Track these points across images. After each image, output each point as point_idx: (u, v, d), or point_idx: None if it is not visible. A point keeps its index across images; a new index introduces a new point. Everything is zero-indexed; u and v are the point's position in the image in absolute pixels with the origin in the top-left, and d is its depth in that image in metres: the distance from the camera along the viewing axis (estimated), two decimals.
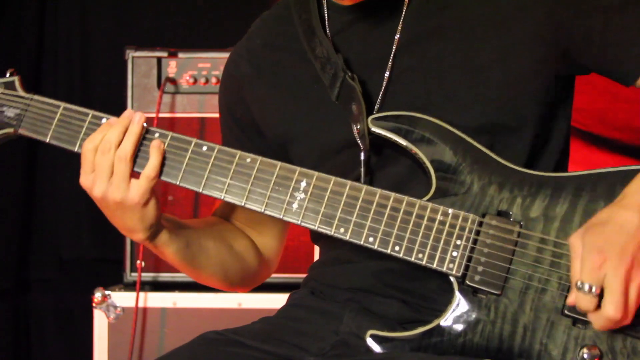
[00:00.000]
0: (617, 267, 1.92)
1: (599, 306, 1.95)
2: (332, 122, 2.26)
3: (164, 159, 2.23)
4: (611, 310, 1.93)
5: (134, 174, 2.22)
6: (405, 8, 2.26)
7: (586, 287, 1.94)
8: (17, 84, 2.33)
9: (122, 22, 4.79)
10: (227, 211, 2.53)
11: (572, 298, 1.97)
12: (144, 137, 2.23)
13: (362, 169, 2.21)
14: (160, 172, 2.23)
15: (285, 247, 3.87)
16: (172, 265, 2.40)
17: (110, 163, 2.20)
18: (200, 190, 2.21)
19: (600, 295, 1.94)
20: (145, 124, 2.24)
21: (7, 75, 2.34)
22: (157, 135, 2.24)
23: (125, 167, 2.20)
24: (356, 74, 2.24)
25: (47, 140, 2.29)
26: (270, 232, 2.52)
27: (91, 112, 2.27)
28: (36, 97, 2.31)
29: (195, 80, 3.93)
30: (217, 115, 2.55)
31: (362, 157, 2.21)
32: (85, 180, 2.23)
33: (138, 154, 2.23)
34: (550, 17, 2.17)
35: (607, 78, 2.21)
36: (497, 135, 2.18)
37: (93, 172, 2.21)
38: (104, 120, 2.26)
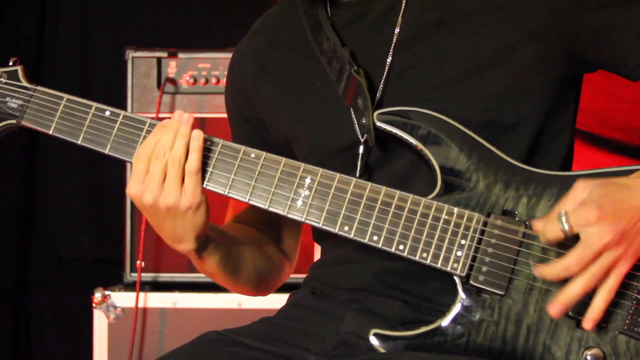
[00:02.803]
0: (606, 232, 1.94)
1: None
2: (337, 120, 2.26)
3: None
4: (573, 260, 1.95)
5: None
6: (404, 3, 2.26)
7: (565, 224, 1.95)
8: (20, 73, 2.29)
9: (122, 22, 4.79)
10: (247, 216, 2.51)
11: (541, 224, 1.99)
12: None
13: (359, 162, 2.20)
14: None
15: None
16: (208, 276, 2.35)
17: (163, 168, 2.15)
18: (204, 186, 2.20)
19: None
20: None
21: (10, 64, 2.30)
22: None
23: (178, 171, 2.14)
24: (361, 68, 2.23)
25: (50, 132, 2.27)
26: (289, 232, 2.52)
27: (94, 105, 2.25)
28: (39, 87, 2.28)
29: (195, 81, 3.93)
30: (217, 115, 2.55)
31: (361, 151, 2.20)
32: (136, 188, 2.16)
33: None
34: (554, 14, 2.17)
35: (615, 74, 2.21)
36: (498, 131, 2.18)
37: (145, 179, 2.17)
38: (107, 113, 2.24)
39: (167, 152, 2.16)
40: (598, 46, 2.17)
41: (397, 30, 2.25)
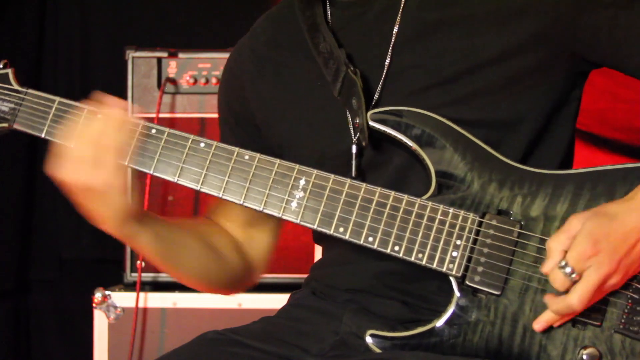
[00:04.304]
0: (603, 265, 1.97)
1: None
2: (334, 121, 2.26)
3: (160, 155, 2.21)
4: (575, 300, 1.99)
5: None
6: (403, 3, 2.26)
7: (568, 270, 1.98)
8: (10, 76, 2.27)
9: (122, 22, 4.78)
10: (219, 212, 2.50)
11: (548, 269, 2.01)
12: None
13: (354, 162, 2.20)
14: (157, 168, 2.22)
15: (286, 247, 3.89)
16: (151, 263, 2.37)
17: (86, 151, 2.16)
18: (198, 188, 2.20)
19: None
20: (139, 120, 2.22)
21: (0, 66, 2.29)
22: (153, 131, 2.23)
23: (100, 153, 2.16)
24: (357, 68, 2.23)
25: (43, 135, 2.26)
26: (260, 237, 2.50)
27: (87, 107, 2.24)
28: (31, 90, 2.26)
29: (196, 81, 3.93)
30: (217, 115, 2.54)
31: (354, 151, 2.21)
32: (56, 167, 2.19)
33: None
34: (554, 17, 2.16)
35: (618, 73, 2.21)
36: (494, 130, 2.18)
37: (66, 159, 2.18)
38: (99, 116, 2.25)
39: (94, 136, 2.16)
40: (599, 47, 2.17)
41: (395, 29, 2.25)
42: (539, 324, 2.05)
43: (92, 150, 2.16)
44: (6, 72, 2.29)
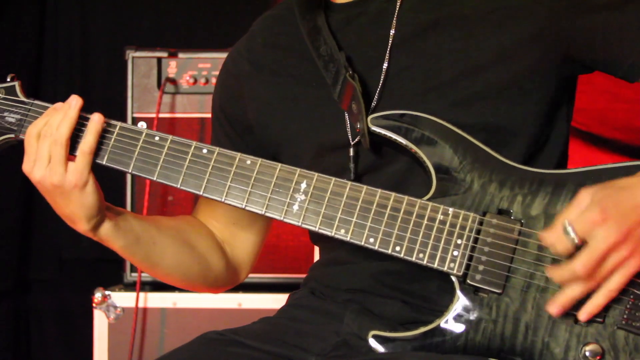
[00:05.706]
0: (611, 232, 1.94)
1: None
2: (331, 120, 2.26)
3: (163, 162, 2.22)
4: (579, 266, 1.95)
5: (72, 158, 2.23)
6: (399, 5, 2.26)
7: (571, 233, 1.95)
8: (17, 88, 2.31)
9: (122, 22, 4.79)
10: (204, 211, 2.51)
11: (552, 234, 1.98)
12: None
13: (352, 166, 2.22)
14: (160, 175, 2.22)
15: (285, 247, 3.89)
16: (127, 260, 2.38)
17: (50, 147, 2.20)
18: (201, 193, 2.21)
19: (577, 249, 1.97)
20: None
21: (8, 79, 2.32)
22: (156, 138, 2.24)
23: (59, 150, 2.19)
24: (356, 72, 2.24)
25: None
26: (246, 237, 2.50)
27: (89, 117, 2.26)
28: (37, 102, 2.29)
29: (196, 81, 3.92)
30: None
31: (351, 154, 2.22)
32: (26, 165, 2.23)
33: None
34: (550, 18, 2.17)
35: (611, 76, 2.21)
36: (494, 133, 2.18)
37: (34, 157, 2.22)
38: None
39: (54, 133, 2.20)
40: (593, 48, 2.17)
41: (392, 31, 2.25)
42: (554, 307, 2.01)
43: (48, 147, 2.20)
44: (13, 84, 2.32)
